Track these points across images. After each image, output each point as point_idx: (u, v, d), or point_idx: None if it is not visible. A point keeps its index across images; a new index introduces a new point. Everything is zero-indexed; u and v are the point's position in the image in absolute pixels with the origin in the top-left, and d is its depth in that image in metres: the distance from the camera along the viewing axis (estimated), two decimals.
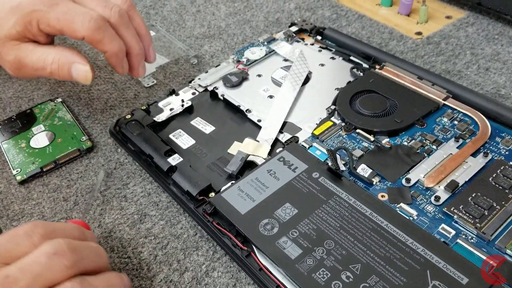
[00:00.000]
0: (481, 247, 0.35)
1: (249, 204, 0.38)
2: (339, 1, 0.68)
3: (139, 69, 0.45)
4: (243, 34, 0.63)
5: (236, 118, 0.49)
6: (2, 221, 0.42)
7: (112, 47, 0.41)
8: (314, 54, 0.56)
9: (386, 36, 0.61)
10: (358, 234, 0.35)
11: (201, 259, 0.38)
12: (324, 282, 0.32)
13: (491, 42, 0.58)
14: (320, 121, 0.47)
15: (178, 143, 0.46)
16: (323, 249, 0.34)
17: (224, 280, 0.37)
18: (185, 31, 0.65)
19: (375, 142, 0.43)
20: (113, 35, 0.41)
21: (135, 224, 0.41)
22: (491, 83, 0.52)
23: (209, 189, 0.41)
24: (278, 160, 0.42)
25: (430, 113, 0.46)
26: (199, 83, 0.53)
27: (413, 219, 0.37)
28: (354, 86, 0.49)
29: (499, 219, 0.36)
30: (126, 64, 0.43)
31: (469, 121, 0.45)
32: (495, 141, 0.42)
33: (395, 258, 0.33)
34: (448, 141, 0.43)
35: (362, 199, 0.38)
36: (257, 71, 0.54)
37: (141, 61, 0.45)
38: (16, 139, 0.49)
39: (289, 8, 0.68)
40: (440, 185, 0.39)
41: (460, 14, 0.64)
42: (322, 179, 0.40)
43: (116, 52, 0.41)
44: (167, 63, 0.59)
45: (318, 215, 0.37)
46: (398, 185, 0.40)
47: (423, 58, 0.57)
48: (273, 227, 0.36)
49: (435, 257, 0.33)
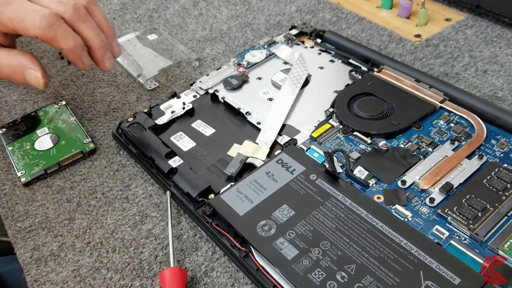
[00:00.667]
0: (474, 248, 0.35)
1: (247, 205, 0.39)
2: (340, 4, 0.69)
3: (104, 61, 0.45)
4: (244, 37, 0.64)
5: (236, 120, 0.50)
6: (7, 222, 0.43)
7: (67, 44, 0.41)
8: (314, 57, 0.57)
9: (385, 38, 0.62)
10: (354, 235, 0.36)
11: (200, 260, 0.39)
12: (319, 282, 0.33)
13: (490, 44, 0.58)
14: (319, 123, 0.47)
15: (179, 145, 0.47)
16: (319, 249, 0.35)
17: (223, 280, 0.38)
18: (187, 34, 0.66)
19: (372, 145, 0.44)
20: (67, 31, 0.41)
21: (136, 225, 0.42)
22: (488, 85, 0.53)
23: (209, 191, 0.42)
24: (277, 162, 0.43)
25: (427, 115, 0.46)
26: (200, 86, 0.54)
27: (408, 220, 0.38)
28: (352, 89, 0.50)
29: (492, 221, 0.36)
30: (87, 59, 0.43)
31: (465, 123, 0.45)
32: (490, 144, 0.43)
33: (389, 259, 0.34)
34: (444, 144, 0.43)
35: (358, 200, 0.38)
36: (257, 74, 0.55)
37: (105, 54, 0.45)
38: (21, 142, 0.50)
39: (290, 11, 0.69)
40: (435, 187, 0.40)
41: (459, 17, 0.64)
42: (319, 181, 0.40)
43: (72, 48, 0.41)
44: (169, 66, 0.60)
45: (315, 216, 0.38)
46: (394, 187, 0.40)
47: (421, 60, 0.57)
48: (271, 228, 0.37)
49: (428, 257, 0.34)
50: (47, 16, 0.39)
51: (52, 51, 0.64)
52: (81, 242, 0.41)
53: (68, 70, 0.60)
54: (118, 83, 0.58)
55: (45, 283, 0.39)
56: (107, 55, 0.45)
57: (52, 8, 0.40)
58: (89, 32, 0.43)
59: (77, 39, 0.42)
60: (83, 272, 0.39)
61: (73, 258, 0.40)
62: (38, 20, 0.39)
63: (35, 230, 0.42)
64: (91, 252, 0.40)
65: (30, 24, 0.39)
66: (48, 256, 0.40)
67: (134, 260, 0.39)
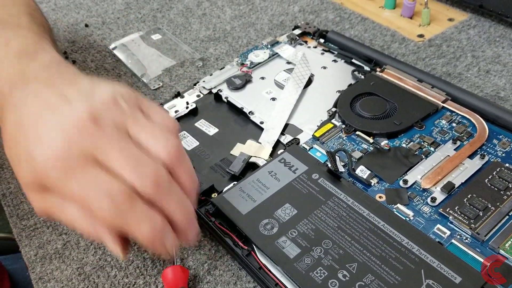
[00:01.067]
0: (475, 247, 0.35)
1: (250, 204, 0.39)
2: (343, 4, 0.69)
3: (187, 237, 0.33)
4: (248, 37, 0.65)
5: (239, 120, 0.50)
6: (11, 220, 0.44)
7: (142, 231, 0.30)
8: (317, 57, 0.57)
9: (388, 38, 0.62)
10: (355, 234, 0.36)
11: (203, 258, 0.39)
12: (321, 280, 0.34)
13: (492, 44, 0.59)
14: (321, 123, 0.48)
15: (182, 144, 0.47)
16: (321, 248, 0.36)
17: (225, 278, 0.38)
18: (191, 34, 0.66)
19: (374, 144, 0.44)
20: (141, 213, 0.29)
21: None
22: (491, 85, 0.53)
23: (212, 190, 0.42)
24: (279, 161, 0.43)
25: (429, 115, 0.47)
26: (204, 86, 0.54)
27: (410, 219, 0.38)
28: (355, 88, 0.50)
29: (493, 220, 0.37)
30: (170, 243, 0.31)
31: (467, 123, 0.45)
32: (492, 143, 0.43)
33: (391, 258, 0.34)
34: (446, 143, 0.43)
35: (360, 200, 0.39)
36: (261, 74, 0.55)
37: (191, 228, 0.33)
38: None
39: (293, 11, 0.69)
40: (437, 187, 0.40)
41: (462, 17, 0.64)
42: (322, 180, 0.41)
43: (148, 235, 0.30)
44: (173, 66, 0.60)
45: (317, 215, 0.38)
46: (396, 186, 0.41)
47: (424, 60, 0.57)
48: (273, 227, 0.37)
49: (430, 256, 0.34)
50: (114, 195, 0.29)
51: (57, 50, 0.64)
52: (85, 240, 0.42)
53: None
54: (122, 82, 0.58)
55: (50, 280, 0.39)
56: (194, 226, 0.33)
57: (125, 179, 0.29)
58: (174, 207, 0.31)
59: (156, 221, 0.30)
60: (87, 270, 0.39)
61: (77, 256, 0.40)
62: (104, 203, 0.29)
63: (40, 228, 0.43)
64: (95, 250, 0.41)
65: (96, 207, 0.29)
66: (52, 254, 0.41)
67: (138, 258, 0.40)
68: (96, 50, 0.64)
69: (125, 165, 0.29)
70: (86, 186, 0.29)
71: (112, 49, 0.64)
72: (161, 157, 0.31)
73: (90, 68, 0.61)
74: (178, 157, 0.32)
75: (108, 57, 0.63)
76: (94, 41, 0.66)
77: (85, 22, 0.70)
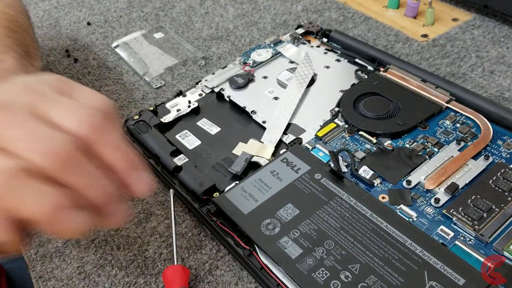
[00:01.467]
0: (479, 249, 0.35)
1: (252, 204, 0.39)
2: (346, 3, 0.69)
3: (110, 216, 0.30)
4: (251, 36, 0.64)
5: (241, 119, 0.50)
6: None
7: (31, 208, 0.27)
8: (320, 56, 0.57)
9: (392, 38, 0.61)
10: (358, 235, 0.36)
11: (204, 258, 0.39)
12: (323, 281, 0.33)
13: (497, 44, 0.58)
14: (324, 122, 0.47)
15: (184, 143, 0.47)
16: (323, 249, 0.35)
17: (227, 279, 0.38)
18: (194, 32, 0.66)
19: (377, 144, 0.44)
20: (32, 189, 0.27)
21: (141, 223, 0.42)
22: (495, 86, 0.52)
23: (214, 189, 0.42)
24: (282, 161, 0.43)
25: (433, 115, 0.46)
26: (206, 85, 0.54)
27: (413, 220, 0.38)
28: (358, 88, 0.50)
29: (497, 222, 0.36)
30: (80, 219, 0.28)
31: (471, 124, 0.45)
32: (496, 144, 0.43)
33: (394, 259, 0.34)
34: (449, 144, 0.43)
35: (362, 200, 0.38)
36: (263, 73, 0.55)
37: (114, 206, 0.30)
38: None
39: (296, 10, 0.69)
40: (440, 187, 0.39)
41: (466, 17, 0.64)
42: (324, 180, 0.40)
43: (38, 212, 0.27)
44: (175, 64, 0.60)
45: (319, 215, 0.38)
46: (399, 187, 0.40)
47: (428, 60, 0.57)
48: (275, 227, 0.37)
49: (433, 258, 0.34)
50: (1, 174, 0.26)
51: (59, 48, 0.64)
52: (86, 239, 0.41)
53: (75, 68, 0.61)
54: (124, 81, 0.58)
55: (50, 279, 0.39)
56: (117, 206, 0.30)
57: (22, 156, 0.27)
58: (83, 183, 0.28)
59: (51, 198, 0.27)
60: (87, 269, 0.39)
61: (78, 255, 0.40)
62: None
63: None
64: (96, 249, 0.41)
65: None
66: (53, 253, 0.41)
67: (139, 257, 0.40)
68: (98, 48, 0.64)
69: (22, 140, 0.27)
70: None
71: (114, 47, 0.64)
72: (72, 130, 0.28)
73: (92, 66, 0.61)
74: (97, 130, 0.29)
75: (110, 56, 0.63)
76: (96, 39, 0.66)
77: (88, 20, 0.70)
